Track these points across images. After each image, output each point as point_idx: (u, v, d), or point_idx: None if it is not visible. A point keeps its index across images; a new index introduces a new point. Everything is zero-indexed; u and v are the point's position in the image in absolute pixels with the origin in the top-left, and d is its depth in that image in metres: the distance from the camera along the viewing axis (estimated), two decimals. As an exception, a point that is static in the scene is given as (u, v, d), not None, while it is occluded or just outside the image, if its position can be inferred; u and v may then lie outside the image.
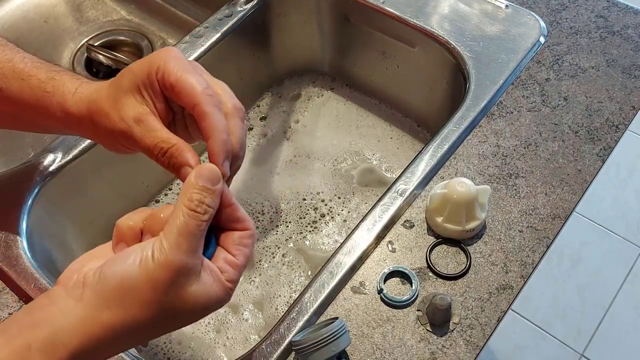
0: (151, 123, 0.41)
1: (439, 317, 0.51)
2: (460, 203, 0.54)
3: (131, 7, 0.97)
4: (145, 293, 0.34)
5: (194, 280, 0.35)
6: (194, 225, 0.35)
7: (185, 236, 0.34)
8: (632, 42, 0.72)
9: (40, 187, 0.61)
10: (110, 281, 0.34)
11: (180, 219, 0.35)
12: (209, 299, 0.36)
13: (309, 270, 0.72)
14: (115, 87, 0.42)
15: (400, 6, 0.75)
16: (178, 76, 0.40)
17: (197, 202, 0.35)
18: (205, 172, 0.37)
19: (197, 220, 0.35)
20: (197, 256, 0.35)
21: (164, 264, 0.34)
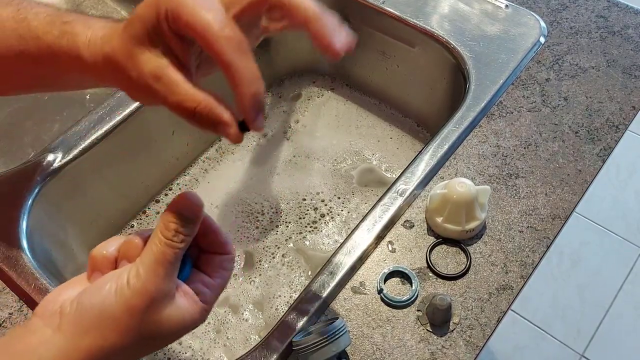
0: (171, 78, 0.35)
1: (439, 317, 0.51)
2: (460, 203, 0.54)
3: (131, 7, 0.97)
4: (123, 320, 0.34)
5: (168, 303, 0.35)
6: (170, 254, 0.35)
7: (162, 263, 0.35)
8: (632, 42, 0.72)
9: (40, 187, 0.61)
10: (88, 310, 0.34)
11: (157, 246, 0.35)
12: (183, 320, 0.36)
13: (309, 270, 0.72)
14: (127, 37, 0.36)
15: (400, 6, 0.75)
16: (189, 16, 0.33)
17: (173, 232, 0.35)
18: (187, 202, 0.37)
19: (173, 249, 0.35)
20: (172, 280, 0.36)
21: (140, 291, 0.34)
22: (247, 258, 0.73)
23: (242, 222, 0.76)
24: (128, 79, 0.37)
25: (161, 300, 0.35)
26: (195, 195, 0.37)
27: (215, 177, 0.80)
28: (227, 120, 0.36)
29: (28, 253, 0.57)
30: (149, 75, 0.36)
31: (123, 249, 0.38)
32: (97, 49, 0.39)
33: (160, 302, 0.35)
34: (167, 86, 0.35)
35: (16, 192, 0.60)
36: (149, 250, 0.35)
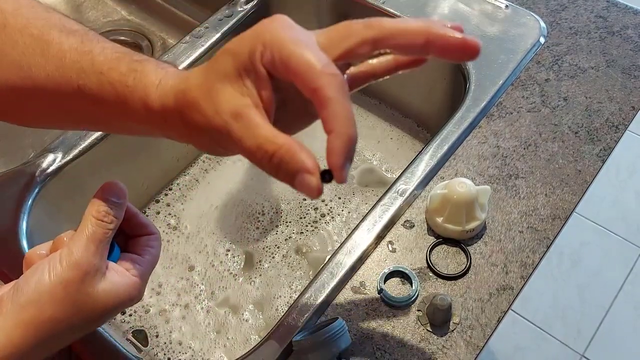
0: (253, 118, 0.33)
1: (439, 317, 0.51)
2: (460, 203, 0.54)
3: (131, 7, 0.97)
4: (57, 292, 0.37)
5: (100, 278, 0.38)
6: (101, 233, 0.39)
7: (93, 241, 0.38)
8: (631, 42, 0.72)
9: (40, 187, 0.61)
10: (24, 289, 0.37)
11: (89, 227, 0.39)
12: (117, 294, 0.39)
13: (309, 270, 0.72)
14: (209, 74, 0.34)
15: (400, 6, 0.75)
16: (290, 52, 0.32)
17: (104, 213, 0.40)
18: (112, 187, 0.41)
19: (104, 229, 0.39)
20: (103, 259, 0.39)
21: (74, 265, 0.37)
22: (247, 258, 0.73)
23: (242, 222, 0.76)
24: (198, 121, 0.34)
25: (93, 274, 0.38)
26: (119, 183, 0.42)
27: (216, 177, 0.80)
28: (310, 168, 0.33)
29: (28, 253, 0.57)
30: (229, 113, 0.33)
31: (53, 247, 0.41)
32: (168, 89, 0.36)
33: (92, 276, 0.38)
34: (246, 127, 0.32)
35: (16, 192, 0.61)
36: (80, 231, 0.39)
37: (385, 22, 0.34)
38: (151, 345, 0.66)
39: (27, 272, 0.38)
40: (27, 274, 0.38)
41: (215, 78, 0.34)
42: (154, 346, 0.66)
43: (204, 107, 0.34)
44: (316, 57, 0.32)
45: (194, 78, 0.35)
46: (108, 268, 0.40)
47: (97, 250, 0.39)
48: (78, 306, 0.38)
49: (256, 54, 0.33)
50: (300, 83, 0.32)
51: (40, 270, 0.38)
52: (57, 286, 0.37)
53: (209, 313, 0.68)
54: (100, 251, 0.39)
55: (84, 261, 0.38)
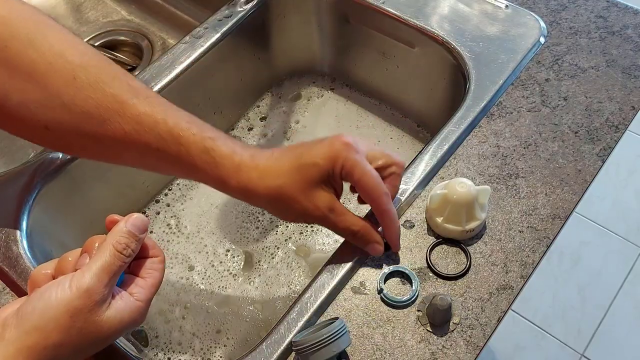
0: (340, 209, 0.50)
1: (439, 317, 0.51)
2: (460, 203, 0.54)
3: (131, 7, 0.97)
4: (64, 320, 0.37)
5: (107, 307, 0.39)
6: (117, 265, 0.40)
7: (108, 272, 0.39)
8: (631, 42, 0.72)
9: (40, 187, 0.61)
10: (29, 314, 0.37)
11: (107, 257, 0.40)
12: (122, 319, 0.40)
13: (309, 270, 0.72)
14: (302, 177, 0.48)
15: (400, 6, 0.75)
16: (361, 175, 0.48)
17: (124, 245, 0.41)
18: (137, 222, 0.42)
19: (120, 261, 0.40)
20: (112, 289, 0.40)
21: (84, 293, 0.38)
22: (246, 258, 0.73)
23: (242, 222, 0.76)
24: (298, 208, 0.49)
25: (101, 303, 0.39)
26: (143, 217, 0.43)
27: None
28: (379, 241, 0.52)
29: (28, 253, 0.57)
30: (326, 207, 0.49)
31: (58, 266, 0.42)
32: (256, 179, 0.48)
33: (100, 306, 0.38)
34: (338, 215, 0.50)
35: (16, 192, 0.61)
36: (98, 259, 0.39)
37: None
38: (151, 345, 0.66)
39: (33, 296, 0.38)
40: (33, 297, 0.38)
41: (311, 183, 0.48)
42: (154, 346, 0.66)
43: (303, 202, 0.49)
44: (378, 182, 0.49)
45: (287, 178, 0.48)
46: (113, 295, 0.40)
47: (109, 282, 0.39)
48: (83, 334, 0.38)
49: (336, 170, 0.48)
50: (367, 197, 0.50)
51: (47, 294, 0.38)
52: (64, 314, 0.37)
53: (209, 313, 0.68)
54: (112, 282, 0.40)
55: (95, 291, 0.38)
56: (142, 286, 0.42)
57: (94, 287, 0.38)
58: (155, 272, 0.44)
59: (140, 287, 0.42)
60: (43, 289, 0.38)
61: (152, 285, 0.43)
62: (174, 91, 0.71)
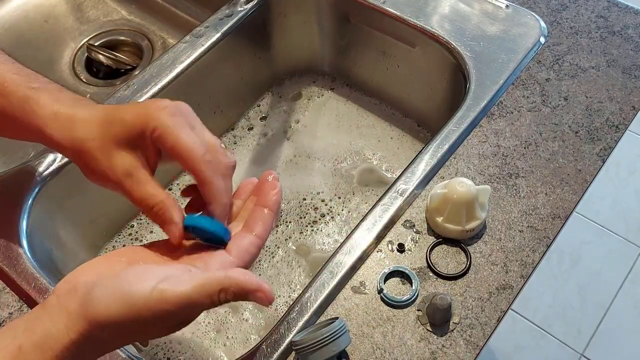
0: (140, 177, 0.42)
1: (439, 316, 0.51)
2: (460, 203, 0.54)
3: (132, 7, 0.97)
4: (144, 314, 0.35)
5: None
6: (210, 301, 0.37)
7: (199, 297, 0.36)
8: (632, 42, 0.72)
9: (40, 187, 0.61)
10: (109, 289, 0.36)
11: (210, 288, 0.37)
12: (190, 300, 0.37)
13: (309, 270, 0.72)
14: (105, 133, 0.42)
15: (400, 6, 0.75)
16: (175, 140, 0.40)
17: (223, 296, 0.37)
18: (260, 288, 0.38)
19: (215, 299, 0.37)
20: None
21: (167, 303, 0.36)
22: (247, 258, 0.73)
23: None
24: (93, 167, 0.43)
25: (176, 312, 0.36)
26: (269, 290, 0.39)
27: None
28: (176, 221, 0.41)
29: (28, 253, 0.57)
30: (122, 171, 0.41)
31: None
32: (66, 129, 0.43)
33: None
34: (135, 183, 0.42)
35: (16, 192, 0.60)
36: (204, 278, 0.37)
37: None
38: (151, 345, 0.66)
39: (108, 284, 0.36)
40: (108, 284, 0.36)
41: (111, 141, 0.42)
42: (154, 346, 0.66)
43: (100, 160, 0.42)
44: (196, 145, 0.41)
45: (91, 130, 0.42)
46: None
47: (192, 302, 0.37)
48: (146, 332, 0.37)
49: (147, 131, 0.41)
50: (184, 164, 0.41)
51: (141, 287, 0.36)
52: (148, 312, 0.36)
53: (209, 313, 0.68)
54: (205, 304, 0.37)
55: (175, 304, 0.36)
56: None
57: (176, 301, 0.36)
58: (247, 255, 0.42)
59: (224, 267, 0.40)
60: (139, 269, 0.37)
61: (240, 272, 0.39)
62: (174, 90, 0.71)
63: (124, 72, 0.89)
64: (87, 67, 0.89)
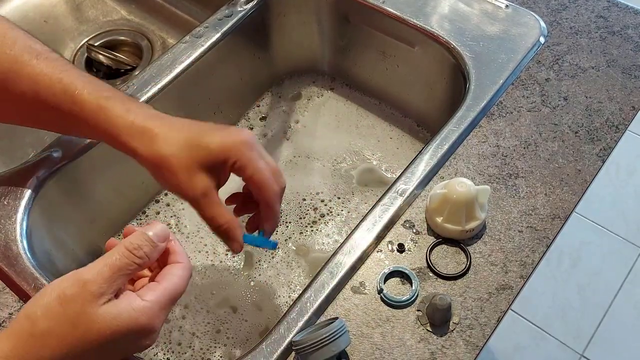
0: (214, 198, 0.48)
1: (439, 317, 0.51)
2: (460, 203, 0.54)
3: (131, 6, 0.97)
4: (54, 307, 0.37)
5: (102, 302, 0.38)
6: (123, 262, 0.39)
7: (111, 267, 0.38)
8: (632, 42, 0.72)
9: (40, 187, 0.61)
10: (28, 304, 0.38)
11: (115, 255, 0.39)
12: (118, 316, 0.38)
13: (309, 270, 0.72)
14: (191, 156, 0.47)
15: (400, 6, 0.75)
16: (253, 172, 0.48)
17: (136, 246, 0.40)
18: (156, 228, 0.42)
19: (128, 259, 0.39)
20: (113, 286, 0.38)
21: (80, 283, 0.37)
22: (246, 258, 0.73)
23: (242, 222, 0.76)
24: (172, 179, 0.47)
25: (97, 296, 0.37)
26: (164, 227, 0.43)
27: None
28: (239, 242, 0.50)
29: (28, 253, 0.57)
30: (200, 191, 0.47)
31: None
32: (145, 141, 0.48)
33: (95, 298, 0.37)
34: (209, 203, 0.48)
35: (16, 192, 0.60)
36: (104, 256, 0.39)
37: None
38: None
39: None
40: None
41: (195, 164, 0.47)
42: (154, 346, 0.66)
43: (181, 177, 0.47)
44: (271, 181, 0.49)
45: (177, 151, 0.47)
46: (120, 296, 0.39)
47: (111, 277, 0.38)
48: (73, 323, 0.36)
49: (229, 162, 0.48)
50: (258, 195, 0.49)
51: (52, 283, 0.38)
52: (55, 299, 0.37)
53: (209, 313, 0.68)
54: (114, 278, 0.38)
55: (91, 281, 0.37)
56: (152, 288, 0.41)
57: (91, 278, 0.37)
58: (171, 276, 0.42)
59: (150, 288, 0.41)
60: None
61: (164, 288, 0.41)
62: (173, 91, 0.71)
63: (123, 72, 0.89)
64: (87, 67, 0.89)
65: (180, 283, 0.42)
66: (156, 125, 0.48)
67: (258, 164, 0.48)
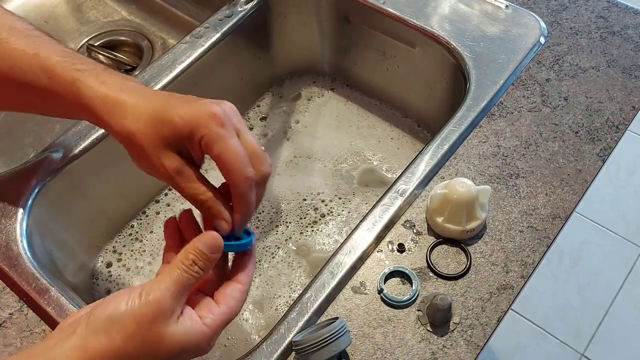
0: (190, 175, 0.44)
1: (440, 317, 0.51)
2: (460, 203, 0.54)
3: (132, 7, 0.97)
4: (129, 326, 0.37)
5: (172, 321, 0.38)
6: (185, 278, 0.39)
7: (176, 284, 0.39)
8: (632, 42, 0.72)
9: (40, 187, 0.61)
10: (99, 316, 0.37)
11: (177, 272, 0.39)
12: (185, 338, 0.39)
13: (309, 270, 0.72)
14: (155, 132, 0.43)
15: (400, 6, 0.75)
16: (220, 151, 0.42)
17: (191, 262, 0.40)
18: (207, 239, 0.41)
19: (188, 275, 0.39)
20: (180, 303, 0.39)
21: (152, 302, 0.38)
22: (247, 258, 0.73)
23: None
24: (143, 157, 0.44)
25: (168, 315, 0.38)
26: (216, 236, 0.42)
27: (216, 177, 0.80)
28: (227, 219, 0.44)
29: (28, 253, 0.57)
30: (172, 169, 0.43)
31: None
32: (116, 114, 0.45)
33: (167, 317, 0.38)
34: (186, 181, 0.44)
35: (16, 192, 0.60)
36: (168, 272, 0.39)
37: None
38: (151, 345, 0.66)
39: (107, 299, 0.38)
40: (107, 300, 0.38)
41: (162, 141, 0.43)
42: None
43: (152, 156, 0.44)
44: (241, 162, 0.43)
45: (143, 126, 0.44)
46: (183, 313, 0.40)
47: (177, 293, 0.39)
48: (146, 343, 0.37)
49: (195, 137, 0.43)
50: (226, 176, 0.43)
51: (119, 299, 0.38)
52: (131, 319, 0.37)
53: (209, 313, 0.68)
54: (179, 294, 0.39)
55: (163, 301, 0.38)
56: (214, 312, 0.41)
57: (162, 297, 0.38)
58: (232, 300, 0.42)
59: (212, 312, 0.41)
60: (116, 294, 0.39)
61: (224, 313, 0.41)
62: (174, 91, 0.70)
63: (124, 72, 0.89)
64: (87, 68, 0.89)
65: (238, 307, 0.42)
66: (129, 97, 0.45)
67: (227, 143, 0.42)
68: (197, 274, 0.40)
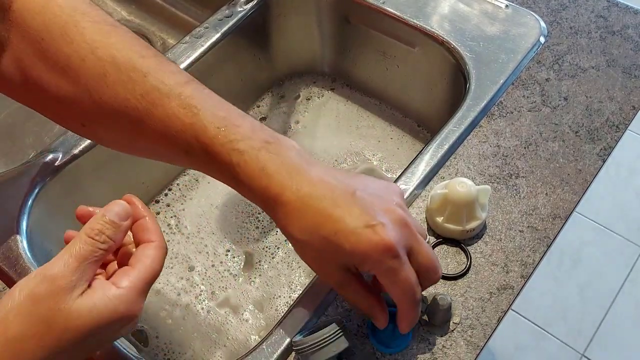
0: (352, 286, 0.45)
1: (440, 317, 0.51)
2: (460, 203, 0.54)
3: (131, 7, 0.97)
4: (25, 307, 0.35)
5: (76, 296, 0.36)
6: (88, 250, 0.37)
7: (77, 258, 0.36)
8: (632, 42, 0.72)
9: (40, 187, 0.61)
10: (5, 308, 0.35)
11: (77, 244, 0.37)
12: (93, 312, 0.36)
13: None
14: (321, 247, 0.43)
15: (400, 6, 0.75)
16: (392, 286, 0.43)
17: (97, 231, 0.38)
18: (115, 207, 0.40)
19: (93, 247, 0.37)
20: (84, 277, 0.36)
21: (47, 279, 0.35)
22: (247, 258, 0.73)
23: (242, 222, 0.76)
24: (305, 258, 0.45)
25: (69, 290, 0.35)
26: (124, 203, 0.41)
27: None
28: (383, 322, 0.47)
29: (28, 253, 0.57)
30: (335, 282, 0.45)
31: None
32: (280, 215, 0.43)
33: (67, 293, 0.35)
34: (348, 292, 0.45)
35: (16, 192, 0.61)
36: (66, 247, 0.37)
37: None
38: (151, 345, 0.66)
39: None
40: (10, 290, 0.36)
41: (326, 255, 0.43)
42: (154, 346, 0.66)
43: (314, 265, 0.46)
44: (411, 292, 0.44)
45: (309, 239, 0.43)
46: (92, 286, 0.37)
47: (79, 267, 0.36)
48: (48, 323, 0.35)
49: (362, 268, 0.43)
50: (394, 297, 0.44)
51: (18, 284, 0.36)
52: (26, 300, 0.35)
53: (209, 313, 0.68)
54: (82, 268, 0.36)
55: (59, 276, 0.35)
56: (126, 273, 0.38)
57: (59, 272, 0.35)
58: (145, 257, 0.39)
59: (124, 273, 0.38)
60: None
61: (139, 271, 0.39)
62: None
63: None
64: (87, 68, 0.89)
65: (155, 263, 0.40)
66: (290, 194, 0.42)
67: (399, 277, 0.42)
68: (104, 243, 0.38)
